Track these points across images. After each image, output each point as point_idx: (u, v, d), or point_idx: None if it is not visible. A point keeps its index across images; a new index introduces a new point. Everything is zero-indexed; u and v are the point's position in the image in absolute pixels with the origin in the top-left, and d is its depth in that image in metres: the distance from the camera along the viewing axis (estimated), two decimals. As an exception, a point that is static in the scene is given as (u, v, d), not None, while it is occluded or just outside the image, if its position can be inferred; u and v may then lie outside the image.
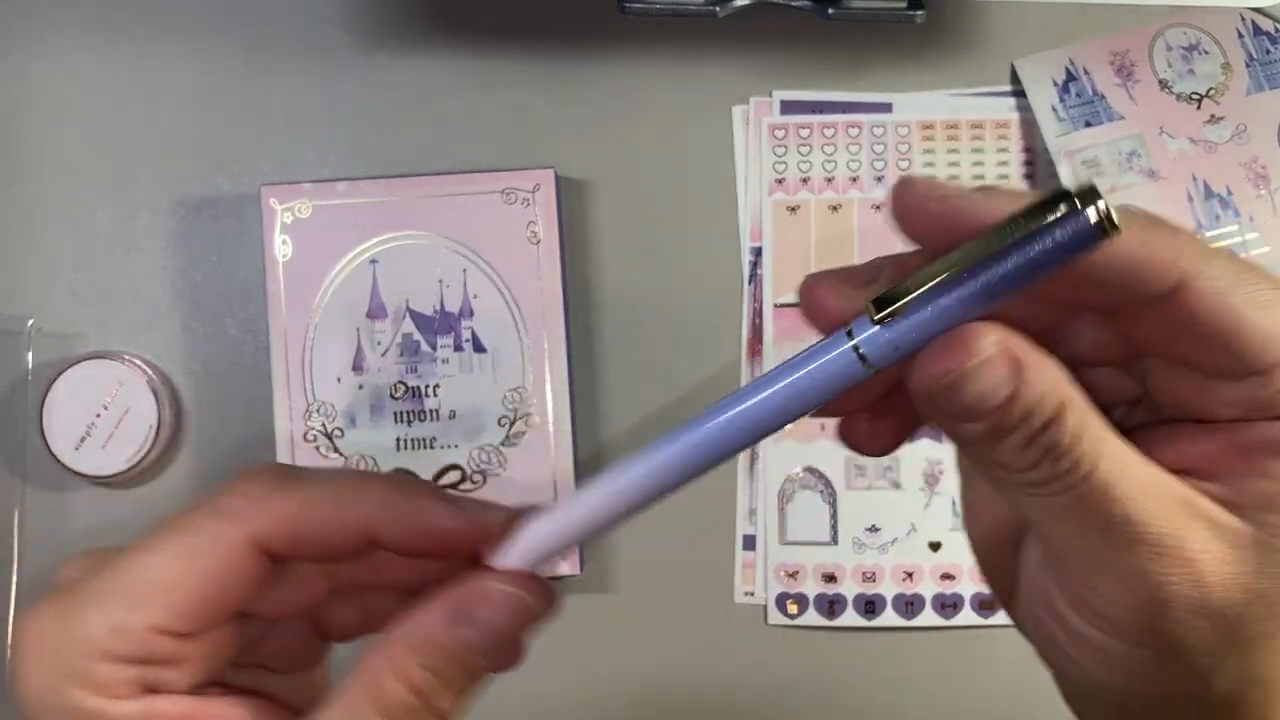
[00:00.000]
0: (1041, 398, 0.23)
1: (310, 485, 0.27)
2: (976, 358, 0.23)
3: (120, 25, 0.55)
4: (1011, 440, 0.24)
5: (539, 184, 0.53)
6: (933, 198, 0.24)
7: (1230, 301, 0.23)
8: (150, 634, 0.26)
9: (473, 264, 0.52)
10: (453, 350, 0.52)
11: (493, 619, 0.27)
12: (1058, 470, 0.24)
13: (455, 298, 0.52)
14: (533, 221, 0.52)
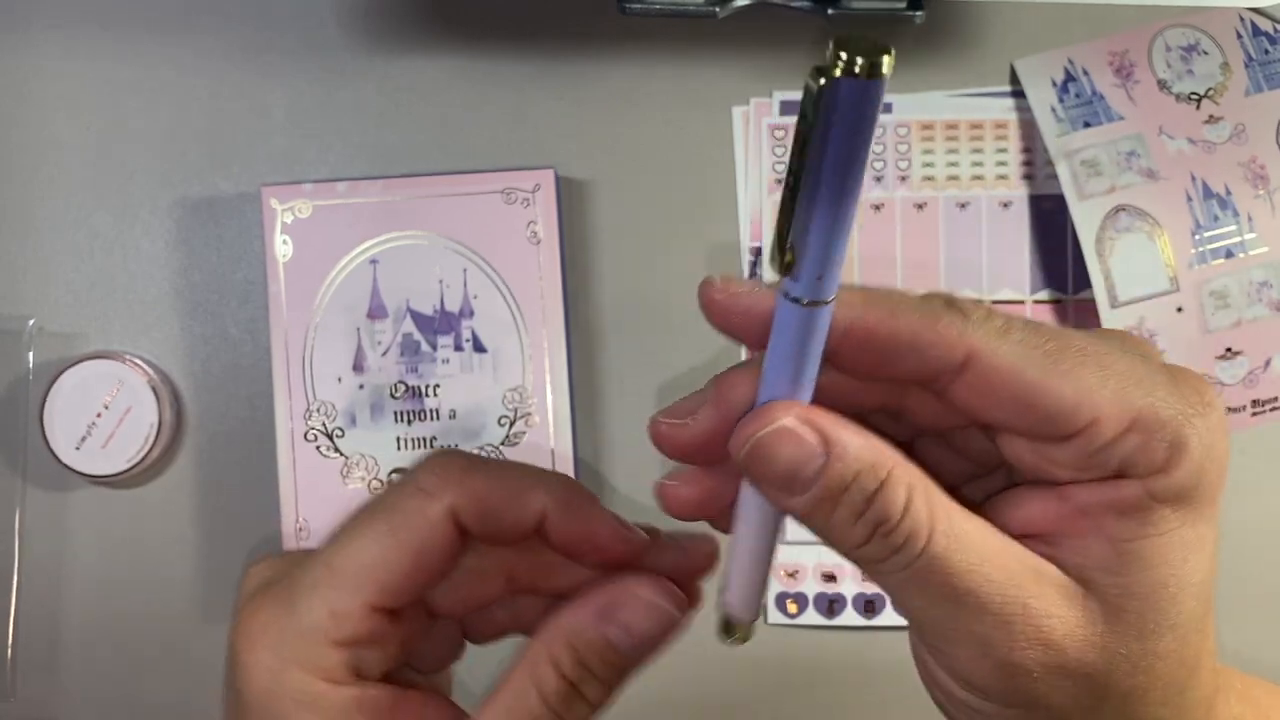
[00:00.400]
0: (859, 471, 0.25)
1: (497, 467, 0.30)
2: (770, 425, 0.25)
3: (120, 25, 0.55)
4: (839, 515, 0.25)
5: (539, 184, 0.53)
6: (724, 294, 0.27)
7: (1023, 374, 0.25)
8: (367, 612, 0.28)
9: (473, 264, 0.52)
10: (453, 350, 0.52)
11: (635, 622, 0.30)
12: (891, 545, 0.25)
13: (455, 298, 0.53)
14: (533, 221, 0.53)
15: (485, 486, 0.29)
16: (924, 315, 0.25)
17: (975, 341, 0.25)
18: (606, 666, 0.30)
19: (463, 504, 0.29)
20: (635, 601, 0.30)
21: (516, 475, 0.30)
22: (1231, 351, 0.53)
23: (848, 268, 0.55)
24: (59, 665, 0.54)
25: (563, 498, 0.30)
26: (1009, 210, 0.55)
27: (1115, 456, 0.25)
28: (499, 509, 0.29)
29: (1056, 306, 0.54)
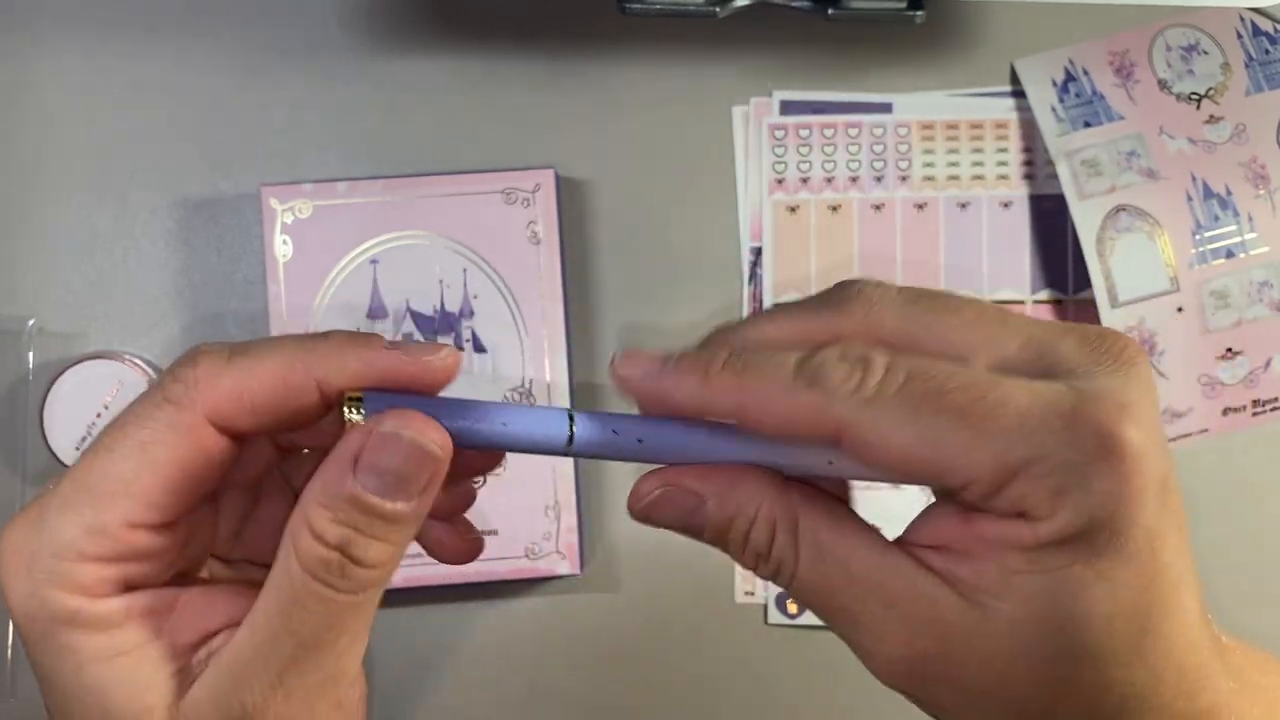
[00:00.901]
0: (727, 516, 0.28)
1: (256, 354, 0.28)
2: (648, 497, 0.29)
3: (120, 26, 0.55)
4: (731, 550, 0.29)
5: (539, 184, 0.53)
6: (627, 379, 0.29)
7: (890, 445, 0.26)
8: (124, 529, 0.27)
9: (473, 264, 0.52)
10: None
11: (388, 464, 0.27)
12: (771, 571, 0.29)
13: (455, 298, 0.53)
14: (533, 221, 0.53)
15: (243, 380, 0.28)
16: (793, 399, 0.27)
17: (841, 416, 0.26)
18: (376, 520, 0.27)
19: (220, 407, 0.27)
20: (383, 441, 0.27)
21: (281, 355, 0.28)
22: (1232, 351, 0.53)
23: (846, 271, 0.55)
24: (59, 665, 0.54)
25: (339, 359, 0.28)
26: (1009, 210, 0.55)
27: (1004, 502, 0.26)
28: (266, 401, 0.28)
29: (1057, 306, 0.54)
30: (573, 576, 0.53)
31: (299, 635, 0.27)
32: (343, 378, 0.28)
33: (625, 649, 0.54)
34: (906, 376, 0.26)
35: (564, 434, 0.29)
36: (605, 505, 0.54)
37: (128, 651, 0.28)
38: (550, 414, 0.29)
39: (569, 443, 0.29)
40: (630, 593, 0.54)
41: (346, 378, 0.28)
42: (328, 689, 0.28)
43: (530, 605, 0.54)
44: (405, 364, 0.29)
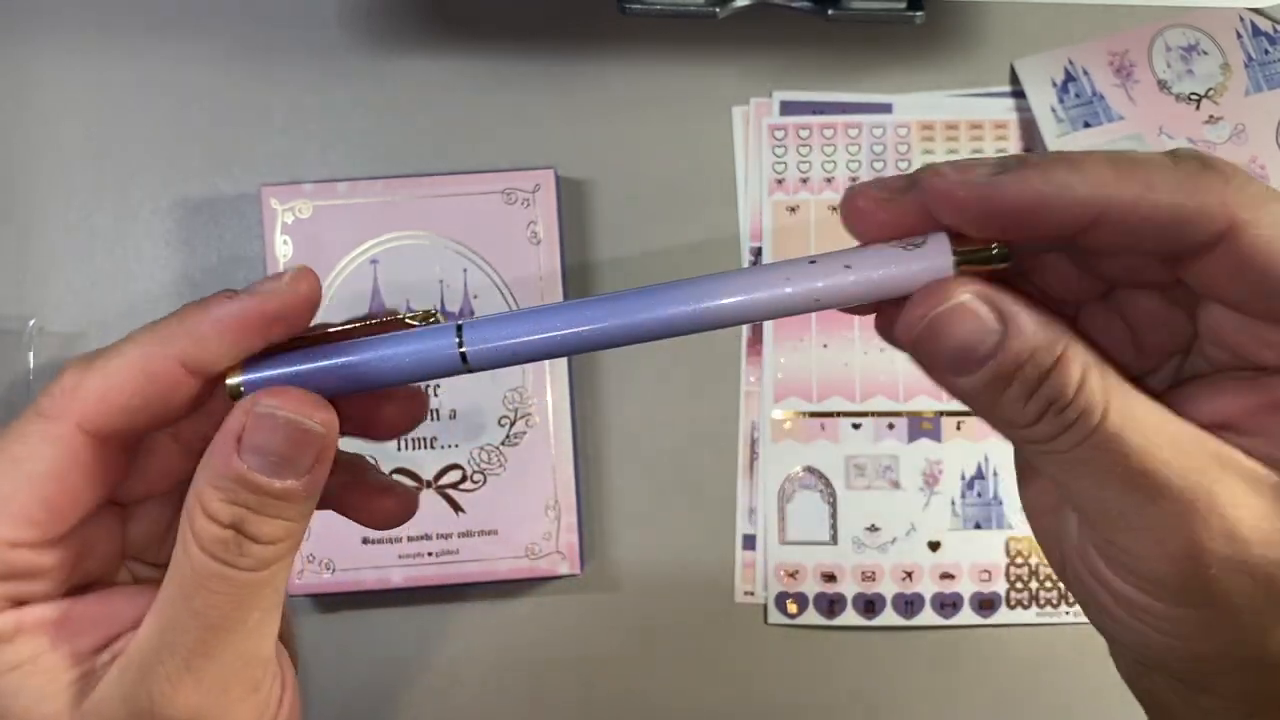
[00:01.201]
0: (1035, 348, 0.23)
1: (113, 352, 0.27)
2: (948, 302, 0.24)
3: (120, 26, 0.55)
4: (1010, 394, 0.24)
5: (539, 184, 0.53)
6: (960, 184, 0.24)
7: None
8: (3, 549, 0.26)
9: (473, 264, 0.52)
10: None
11: (268, 443, 0.26)
12: (1064, 422, 0.24)
13: (455, 297, 0.53)
14: (533, 221, 0.53)
15: (106, 381, 0.26)
16: (1183, 185, 0.23)
17: (1238, 212, 0.23)
18: (266, 497, 0.26)
19: (91, 414, 0.26)
20: (260, 420, 0.26)
21: (139, 350, 0.27)
22: (1232, 351, 0.53)
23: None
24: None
25: (195, 339, 0.27)
26: (1009, 210, 0.55)
27: None
28: (138, 401, 0.27)
29: (1057, 307, 0.54)
30: (573, 576, 0.53)
31: (204, 617, 0.26)
32: (202, 350, 0.27)
33: (625, 649, 0.54)
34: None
35: (452, 346, 0.26)
36: (605, 505, 0.54)
37: (20, 665, 0.27)
38: (434, 332, 0.27)
39: (461, 357, 0.26)
40: (630, 593, 0.54)
41: (206, 349, 0.27)
42: (240, 671, 0.27)
43: (530, 605, 0.54)
44: (255, 307, 0.27)
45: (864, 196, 0.26)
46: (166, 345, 0.27)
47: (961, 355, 0.24)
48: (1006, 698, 0.54)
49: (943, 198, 0.24)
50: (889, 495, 0.54)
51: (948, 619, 0.54)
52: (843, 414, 0.54)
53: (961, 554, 0.54)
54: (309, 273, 0.27)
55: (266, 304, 0.27)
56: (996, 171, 0.24)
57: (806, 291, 0.26)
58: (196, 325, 0.27)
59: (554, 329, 0.26)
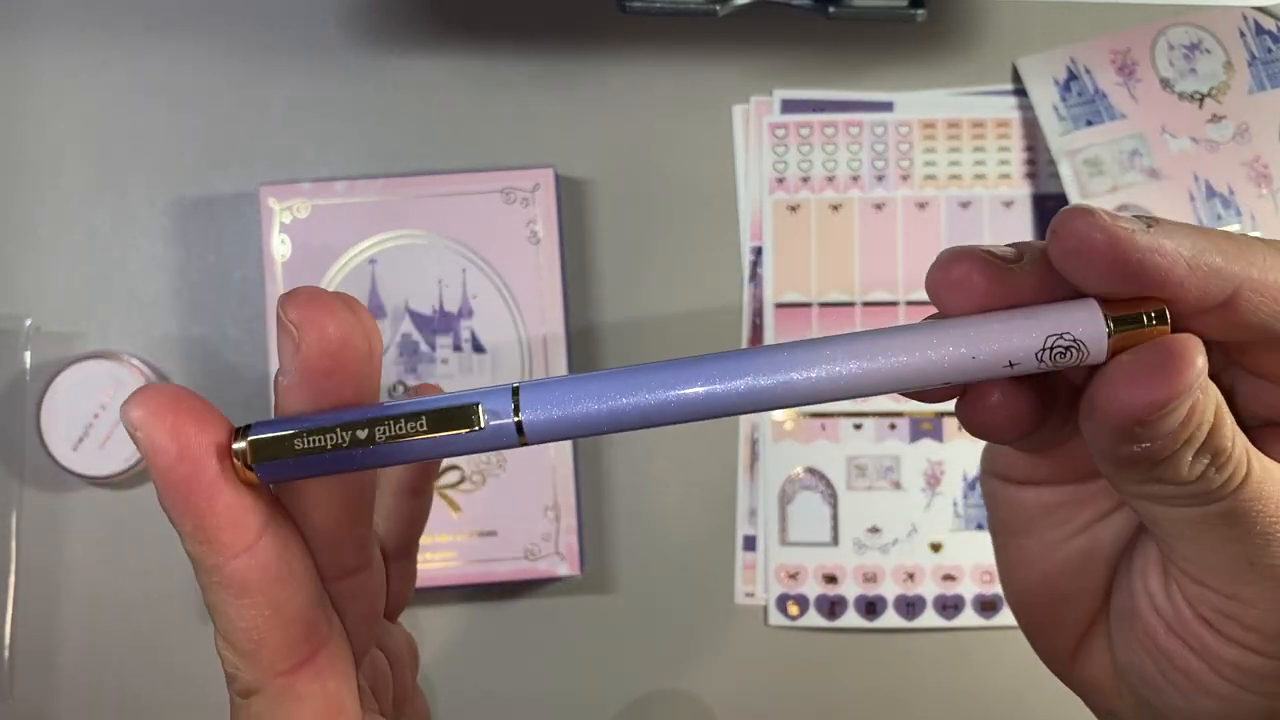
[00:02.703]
0: (1209, 405, 0.22)
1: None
2: (1191, 366, 0.21)
3: (118, 25, 0.55)
4: (1182, 454, 0.22)
5: (539, 183, 0.52)
6: (1101, 235, 0.21)
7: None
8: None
9: (472, 264, 0.52)
10: (452, 350, 0.52)
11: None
12: (1222, 478, 0.22)
13: (454, 297, 0.52)
14: (532, 221, 0.52)
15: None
16: (1180, 252, 0.21)
17: (1242, 273, 0.22)
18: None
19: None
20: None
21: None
22: (1235, 351, 0.53)
23: (847, 270, 0.54)
24: (56, 666, 0.53)
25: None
26: (1011, 209, 0.54)
27: None
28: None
29: (1059, 306, 0.54)
30: (573, 577, 0.53)
31: None
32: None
33: (625, 649, 0.54)
34: None
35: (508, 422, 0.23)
36: (605, 506, 0.54)
37: None
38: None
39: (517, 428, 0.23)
40: (630, 593, 0.54)
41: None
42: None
43: (530, 605, 0.54)
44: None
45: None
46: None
47: (1162, 429, 0.22)
48: (1008, 699, 0.54)
49: (1087, 247, 0.21)
50: (890, 496, 0.54)
51: (949, 620, 0.53)
52: (844, 414, 0.54)
53: (963, 555, 0.54)
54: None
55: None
56: (1148, 226, 0.22)
57: (955, 365, 0.22)
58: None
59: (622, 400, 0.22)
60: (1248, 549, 0.23)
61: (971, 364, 0.21)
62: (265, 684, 0.23)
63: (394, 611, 0.33)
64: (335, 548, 0.24)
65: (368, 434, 0.22)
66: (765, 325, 0.54)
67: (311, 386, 0.22)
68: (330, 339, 0.22)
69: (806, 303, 0.54)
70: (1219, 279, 0.22)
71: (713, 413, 0.22)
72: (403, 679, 0.31)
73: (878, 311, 0.54)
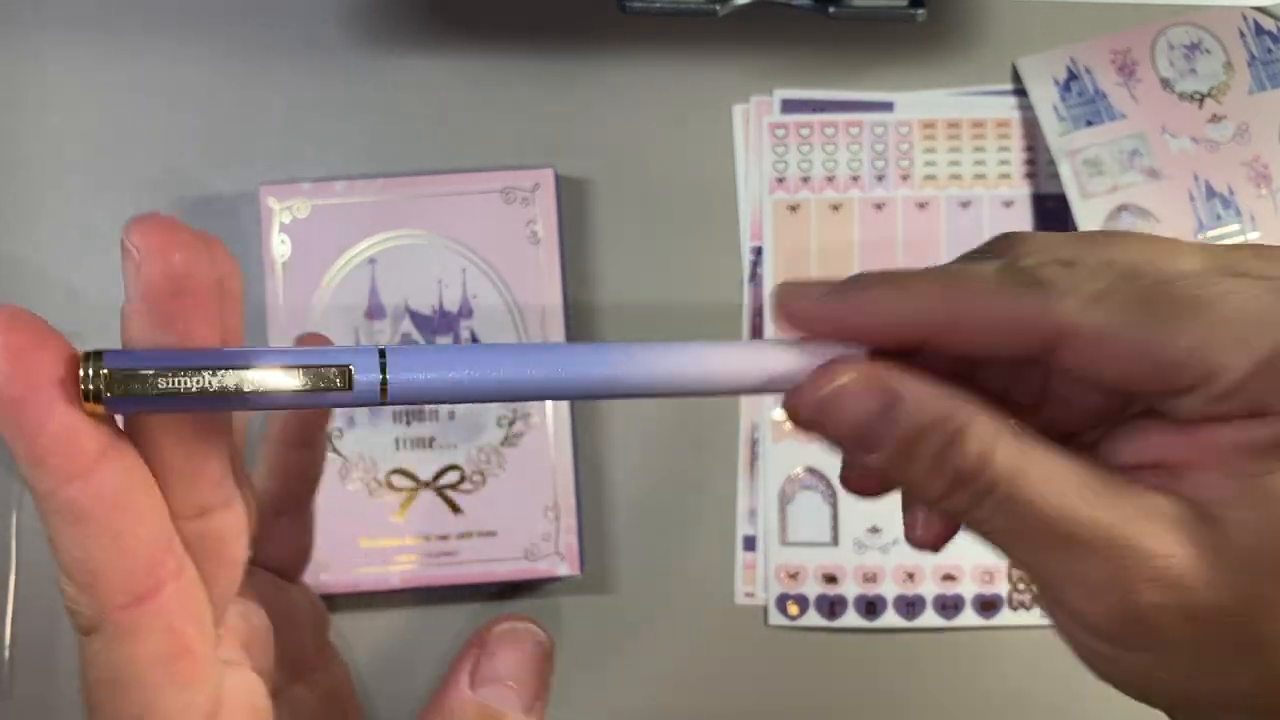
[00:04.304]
0: (928, 422, 0.24)
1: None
2: (831, 384, 0.24)
3: (118, 24, 0.55)
4: (916, 469, 0.24)
5: (538, 183, 0.52)
6: (794, 306, 0.26)
7: (1120, 341, 0.23)
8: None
9: (472, 264, 0.52)
10: None
11: (503, 668, 0.28)
12: (975, 493, 0.24)
13: (454, 297, 0.52)
14: (532, 221, 0.52)
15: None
16: (1005, 303, 0.24)
17: (1063, 319, 0.23)
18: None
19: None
20: (497, 648, 0.28)
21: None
22: (1235, 351, 0.53)
23: (847, 270, 0.54)
24: (56, 666, 0.53)
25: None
26: (1011, 209, 0.55)
27: (1243, 400, 0.23)
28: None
29: (1058, 306, 0.54)
30: (572, 577, 0.53)
31: None
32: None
33: (625, 649, 0.54)
34: (1125, 272, 0.23)
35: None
36: (605, 505, 0.54)
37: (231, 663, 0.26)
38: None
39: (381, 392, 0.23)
40: (630, 593, 0.54)
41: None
42: None
43: (530, 606, 0.54)
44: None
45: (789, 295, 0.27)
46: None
47: (857, 436, 0.25)
48: (1008, 699, 0.54)
49: (793, 321, 0.26)
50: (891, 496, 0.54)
51: (949, 620, 0.53)
52: (843, 414, 0.54)
53: (963, 555, 0.54)
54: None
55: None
56: (827, 294, 0.26)
57: (723, 372, 0.25)
58: None
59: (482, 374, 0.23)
60: (1052, 559, 0.24)
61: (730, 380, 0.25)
62: (104, 619, 0.22)
63: (292, 571, 0.33)
64: (187, 482, 0.23)
65: (236, 383, 0.22)
66: (765, 326, 0.54)
67: (156, 314, 0.22)
68: (174, 264, 0.22)
69: (806, 303, 0.54)
70: (907, 327, 0.25)
71: (549, 395, 0.24)
72: (300, 639, 0.31)
73: (878, 311, 0.54)
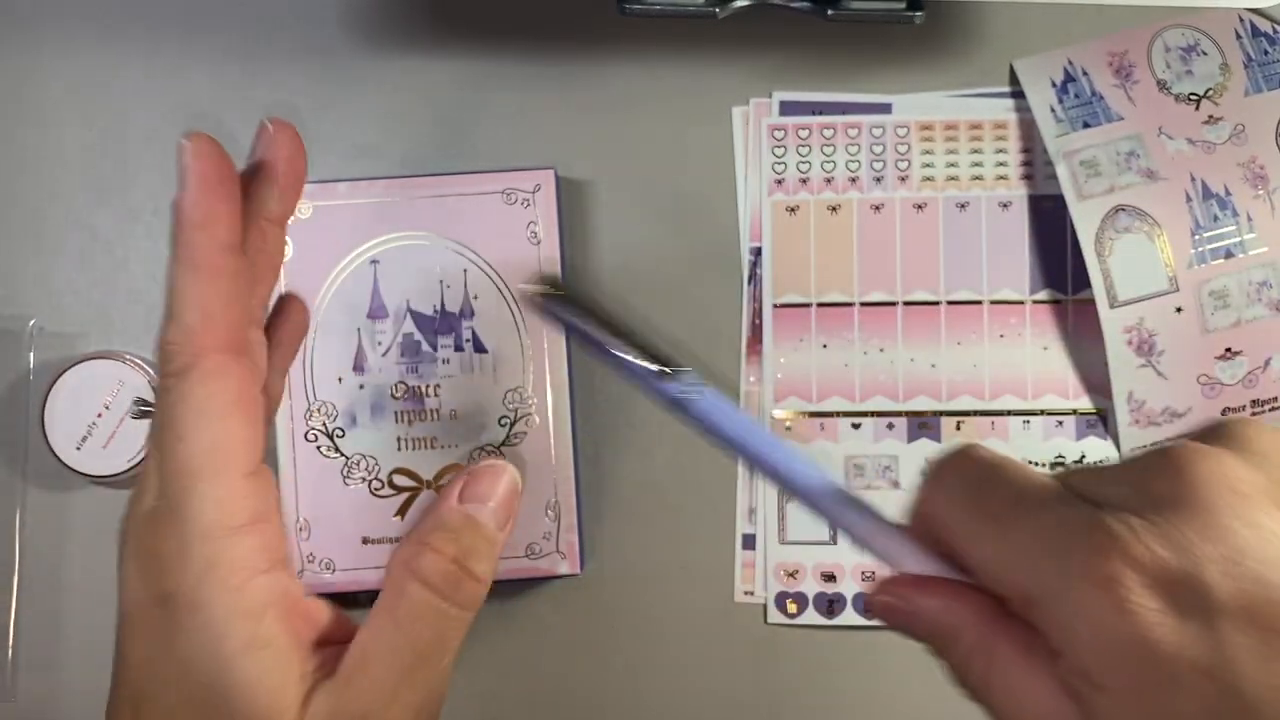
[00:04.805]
0: (931, 632, 0.30)
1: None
2: (875, 602, 0.31)
3: (121, 26, 0.55)
4: (943, 660, 0.30)
5: (539, 184, 0.53)
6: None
7: (955, 539, 0.29)
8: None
9: (473, 264, 0.53)
10: (453, 350, 0.52)
11: (485, 491, 0.32)
12: (969, 688, 0.29)
13: (456, 298, 0.53)
14: (533, 222, 0.53)
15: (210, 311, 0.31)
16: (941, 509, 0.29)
17: (931, 510, 0.29)
18: (480, 540, 0.32)
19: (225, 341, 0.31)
20: (482, 476, 0.33)
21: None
22: (1231, 351, 0.53)
23: (846, 271, 0.55)
24: (59, 666, 0.54)
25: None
26: (1009, 210, 0.55)
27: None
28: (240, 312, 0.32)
29: (1056, 306, 0.55)
30: (573, 576, 0.53)
31: (416, 649, 0.30)
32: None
33: (626, 649, 0.54)
34: (996, 480, 0.28)
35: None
36: (605, 505, 0.54)
37: (269, 644, 0.29)
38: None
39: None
40: (630, 593, 0.54)
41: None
42: (430, 702, 0.31)
43: (530, 605, 0.54)
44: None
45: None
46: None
47: (907, 633, 0.32)
48: (1006, 697, 0.54)
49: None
50: (889, 495, 0.54)
51: (947, 618, 0.54)
52: (842, 414, 0.55)
53: (961, 554, 0.54)
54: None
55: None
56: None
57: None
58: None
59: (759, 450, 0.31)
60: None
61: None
62: (202, 359, 0.30)
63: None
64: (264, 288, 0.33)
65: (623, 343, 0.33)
66: (765, 326, 0.54)
67: (208, 191, 0.30)
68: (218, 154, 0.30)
69: (806, 303, 0.55)
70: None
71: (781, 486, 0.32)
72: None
73: (876, 312, 0.55)
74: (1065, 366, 0.54)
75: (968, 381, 0.54)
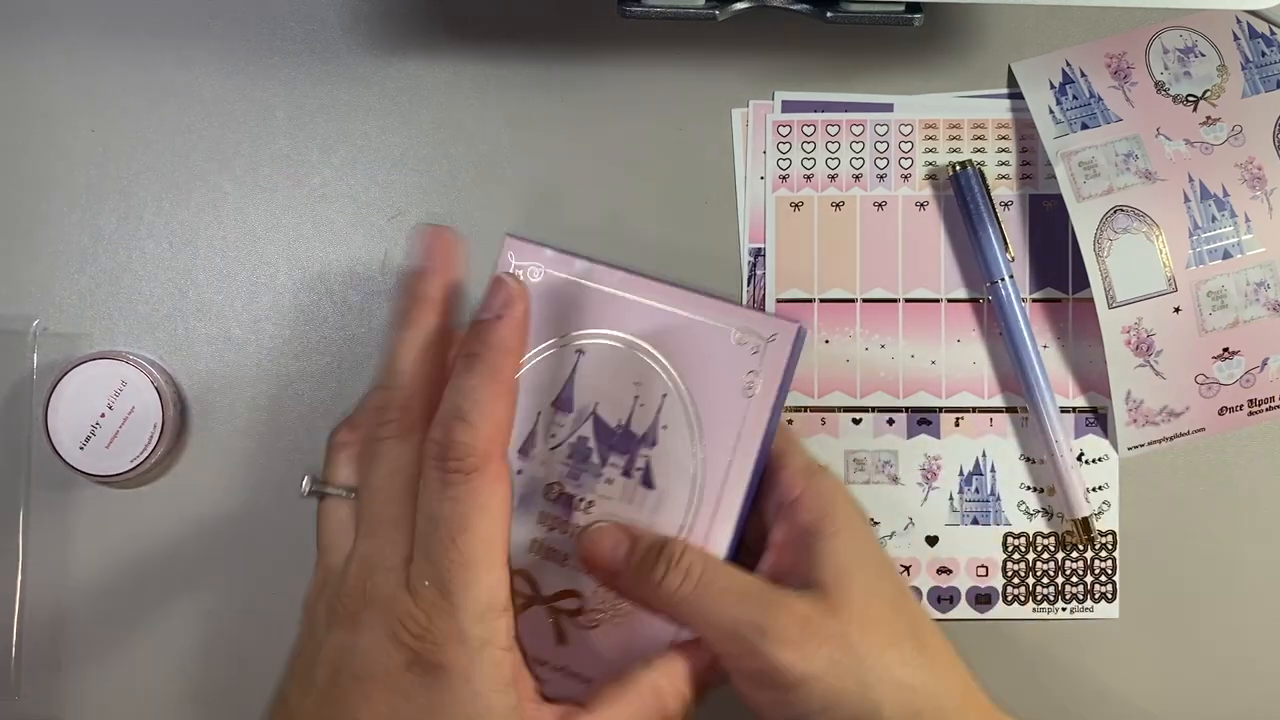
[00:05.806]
0: (649, 544, 0.42)
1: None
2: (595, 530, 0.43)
3: (124, 27, 0.55)
4: (630, 574, 0.42)
5: (777, 334, 0.45)
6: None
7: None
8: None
9: (674, 392, 0.46)
10: (620, 474, 0.46)
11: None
12: (672, 580, 0.41)
13: (645, 420, 0.46)
14: (754, 371, 0.45)
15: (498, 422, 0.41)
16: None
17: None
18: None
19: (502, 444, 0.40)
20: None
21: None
22: (1229, 352, 0.53)
23: (849, 267, 0.55)
24: (63, 665, 0.54)
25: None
26: (1009, 210, 0.55)
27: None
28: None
29: (1055, 306, 0.55)
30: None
31: None
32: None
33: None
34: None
35: None
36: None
37: (516, 711, 0.38)
38: None
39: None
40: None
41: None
42: None
43: (533, 603, 0.54)
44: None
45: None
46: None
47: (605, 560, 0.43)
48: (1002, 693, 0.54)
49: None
50: (888, 490, 0.55)
51: (944, 613, 0.54)
52: (843, 409, 0.55)
53: (959, 549, 0.54)
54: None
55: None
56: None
57: None
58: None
59: None
60: (709, 639, 0.42)
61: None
62: (489, 461, 0.38)
63: None
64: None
65: None
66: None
67: (522, 328, 0.43)
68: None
69: (808, 298, 0.55)
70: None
71: None
72: None
73: (878, 308, 0.55)
74: (1064, 365, 0.55)
75: (967, 378, 0.55)
